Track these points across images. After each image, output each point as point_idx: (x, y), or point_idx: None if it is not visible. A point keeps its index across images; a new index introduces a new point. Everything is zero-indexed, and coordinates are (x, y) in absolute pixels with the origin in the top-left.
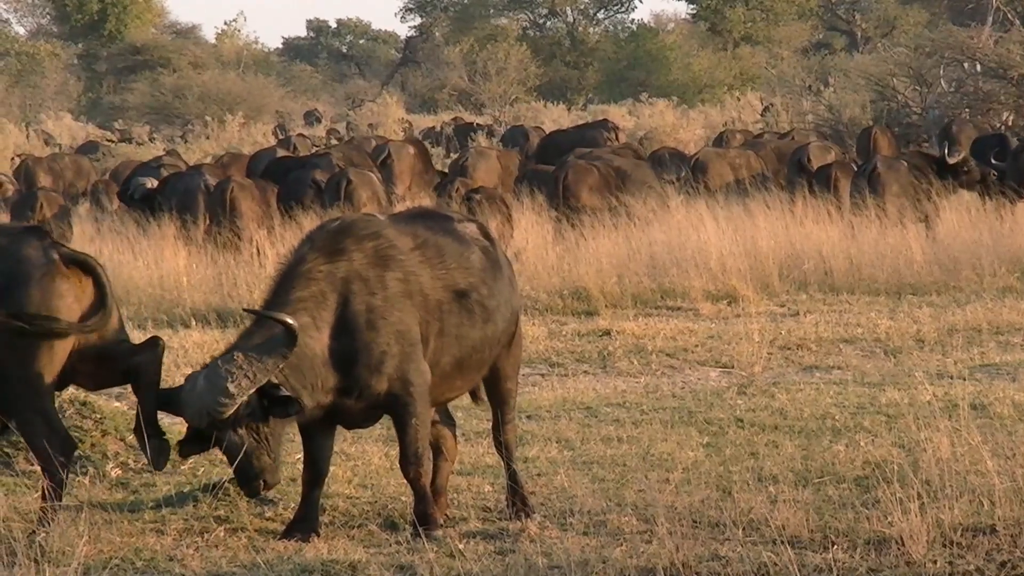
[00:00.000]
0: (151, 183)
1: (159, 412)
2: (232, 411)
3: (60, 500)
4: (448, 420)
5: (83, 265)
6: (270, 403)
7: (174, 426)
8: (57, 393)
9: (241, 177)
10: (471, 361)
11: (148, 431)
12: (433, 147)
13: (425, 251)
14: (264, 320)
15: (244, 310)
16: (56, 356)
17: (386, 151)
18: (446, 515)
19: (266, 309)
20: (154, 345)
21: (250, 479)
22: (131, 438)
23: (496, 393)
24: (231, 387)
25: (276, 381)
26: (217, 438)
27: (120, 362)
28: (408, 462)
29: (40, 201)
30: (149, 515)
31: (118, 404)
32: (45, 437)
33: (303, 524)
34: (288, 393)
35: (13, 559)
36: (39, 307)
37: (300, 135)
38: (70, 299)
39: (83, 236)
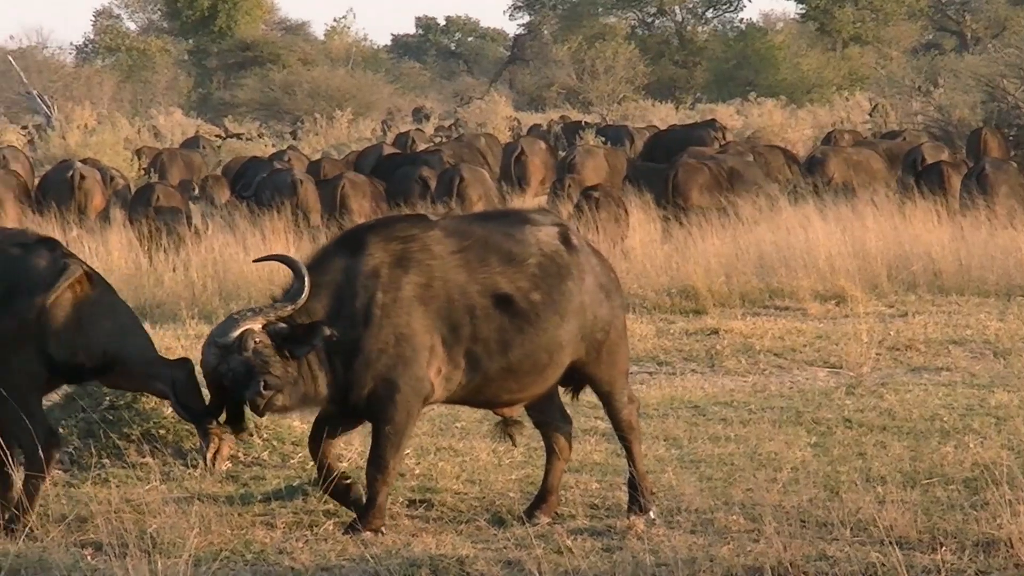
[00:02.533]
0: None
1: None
2: (235, 334)
3: (37, 496)
4: (563, 419)
5: (89, 276)
6: (291, 342)
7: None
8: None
9: (354, 174)
10: (525, 366)
11: (205, 426)
12: None
13: (468, 254)
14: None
15: (254, 260)
16: (51, 357)
17: (519, 148)
18: (556, 512)
19: (288, 292)
20: (185, 362)
21: (250, 385)
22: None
23: (599, 397)
24: (236, 316)
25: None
26: (226, 371)
27: (144, 369)
28: (372, 466)
29: (156, 194)
30: (259, 508)
31: None
32: (28, 432)
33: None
34: (310, 322)
35: (125, 550)
36: (40, 315)
37: (418, 130)
38: (68, 307)
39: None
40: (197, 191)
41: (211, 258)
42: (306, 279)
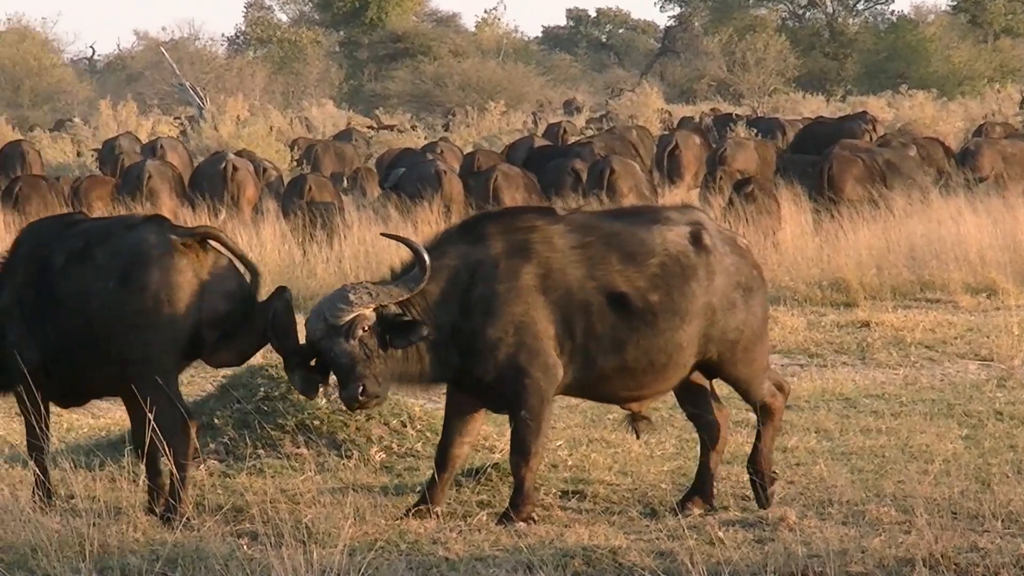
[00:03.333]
0: (404, 171)
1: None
2: (347, 319)
3: (185, 477)
4: (718, 409)
5: (202, 239)
6: (392, 331)
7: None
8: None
9: (507, 166)
10: (641, 365)
11: (292, 362)
12: None
13: (588, 251)
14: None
15: (381, 234)
16: (178, 330)
17: (673, 141)
18: (709, 504)
19: (406, 272)
20: (283, 292)
21: (350, 385)
22: (395, 422)
23: (738, 393)
24: (351, 296)
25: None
26: (328, 349)
27: (255, 322)
28: (515, 453)
29: (308, 184)
30: (413, 499)
31: None
32: (169, 412)
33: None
34: (412, 319)
35: (280, 540)
36: (159, 285)
37: (569, 121)
38: (189, 274)
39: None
40: (346, 183)
41: (363, 250)
42: (427, 266)
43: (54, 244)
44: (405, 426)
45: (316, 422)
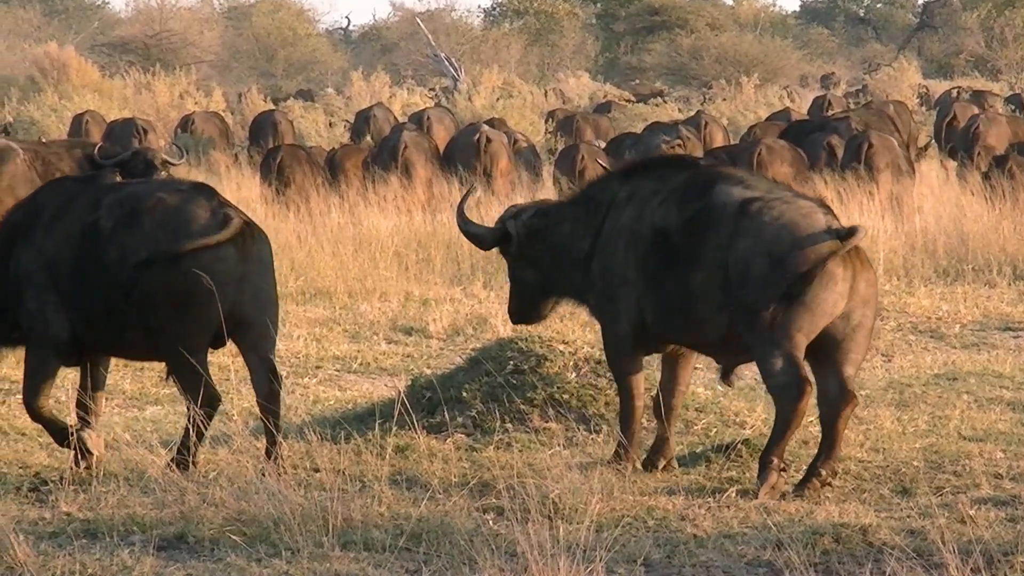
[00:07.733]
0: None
1: None
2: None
3: (196, 447)
4: (842, 392)
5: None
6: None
7: None
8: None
9: (772, 140)
10: (664, 303)
11: None
12: None
13: (660, 196)
14: None
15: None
16: (211, 310)
17: (951, 112)
18: (954, 483)
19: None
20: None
21: None
22: (645, 398)
23: (759, 369)
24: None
25: None
26: None
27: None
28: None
29: (581, 154)
30: (661, 475)
31: None
32: (195, 387)
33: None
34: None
35: (527, 515)
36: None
37: (833, 95)
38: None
39: None
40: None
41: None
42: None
43: (92, 209)
44: (656, 401)
45: (565, 396)
